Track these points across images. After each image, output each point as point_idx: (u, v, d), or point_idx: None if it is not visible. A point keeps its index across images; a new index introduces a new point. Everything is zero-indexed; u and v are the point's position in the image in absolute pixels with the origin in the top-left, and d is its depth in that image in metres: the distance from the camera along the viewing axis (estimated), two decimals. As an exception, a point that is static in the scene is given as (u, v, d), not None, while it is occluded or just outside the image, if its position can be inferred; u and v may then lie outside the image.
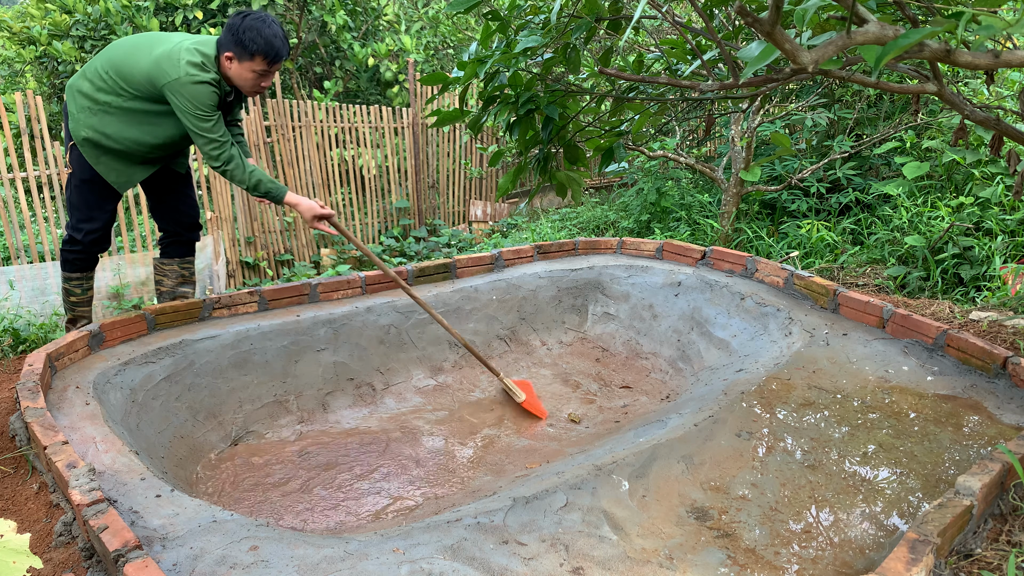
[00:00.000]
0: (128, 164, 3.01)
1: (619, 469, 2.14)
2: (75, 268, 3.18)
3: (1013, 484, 2.05)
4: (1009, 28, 1.35)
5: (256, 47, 2.78)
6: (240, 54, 2.80)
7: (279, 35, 2.83)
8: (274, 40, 2.80)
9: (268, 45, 2.78)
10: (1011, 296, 3.60)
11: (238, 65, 2.83)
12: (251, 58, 2.80)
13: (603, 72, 1.83)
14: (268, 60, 2.81)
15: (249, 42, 2.77)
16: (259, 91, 2.94)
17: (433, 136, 9.21)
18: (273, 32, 2.80)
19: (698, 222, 6.08)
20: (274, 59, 2.82)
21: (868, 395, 2.60)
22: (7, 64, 10.46)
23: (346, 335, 3.28)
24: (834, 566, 1.84)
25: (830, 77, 1.63)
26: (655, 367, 3.56)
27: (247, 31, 2.76)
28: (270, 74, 2.89)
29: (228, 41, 2.81)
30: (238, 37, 2.77)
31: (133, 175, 3.06)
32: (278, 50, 2.82)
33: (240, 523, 1.86)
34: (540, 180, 2.83)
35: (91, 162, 2.97)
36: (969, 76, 5.33)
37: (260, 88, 2.92)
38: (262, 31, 2.77)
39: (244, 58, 2.81)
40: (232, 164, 2.91)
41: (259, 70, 2.84)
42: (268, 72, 2.87)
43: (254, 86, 2.90)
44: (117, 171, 3.00)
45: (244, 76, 2.85)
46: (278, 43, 2.81)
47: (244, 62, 2.82)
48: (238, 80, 2.88)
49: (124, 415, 2.51)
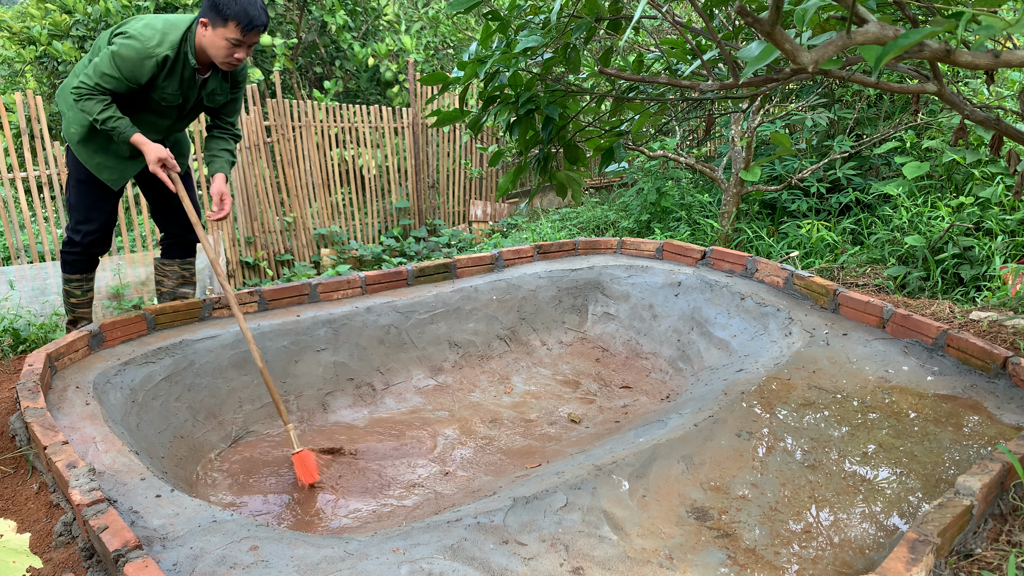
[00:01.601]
0: (118, 159, 2.99)
1: (619, 469, 2.14)
2: (75, 270, 3.18)
3: (1013, 484, 2.05)
4: (1009, 28, 1.35)
5: (230, 12, 2.68)
6: (214, 19, 2.72)
7: (256, 3, 2.73)
8: (250, 7, 2.70)
9: (242, 11, 2.68)
10: (1011, 296, 3.60)
11: (212, 32, 2.74)
12: (224, 23, 2.71)
13: (603, 72, 1.83)
14: (242, 27, 2.71)
15: (223, 7, 2.68)
16: (232, 63, 2.83)
17: (433, 136, 9.21)
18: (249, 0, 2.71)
19: (698, 222, 6.08)
20: (248, 26, 2.72)
21: (868, 395, 2.60)
22: (7, 64, 10.45)
23: (346, 335, 3.28)
24: (834, 566, 1.84)
25: (830, 77, 1.63)
26: (655, 367, 3.56)
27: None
28: (244, 45, 2.78)
29: (205, 7, 2.74)
30: (213, 1, 2.70)
31: (125, 171, 3.03)
32: (252, 18, 2.71)
33: (240, 523, 1.86)
34: (540, 180, 2.83)
35: (83, 161, 2.98)
36: (969, 76, 5.33)
37: (234, 60, 2.81)
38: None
39: (218, 23, 2.71)
40: (86, 102, 2.78)
41: (232, 38, 2.73)
42: (242, 42, 2.76)
43: (227, 56, 2.79)
44: (109, 168, 2.99)
45: (217, 44, 2.76)
46: (253, 11, 2.71)
47: (218, 28, 2.72)
48: (211, 49, 2.78)
49: (124, 415, 2.51)
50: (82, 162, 2.98)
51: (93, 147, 2.96)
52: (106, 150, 2.97)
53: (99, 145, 2.95)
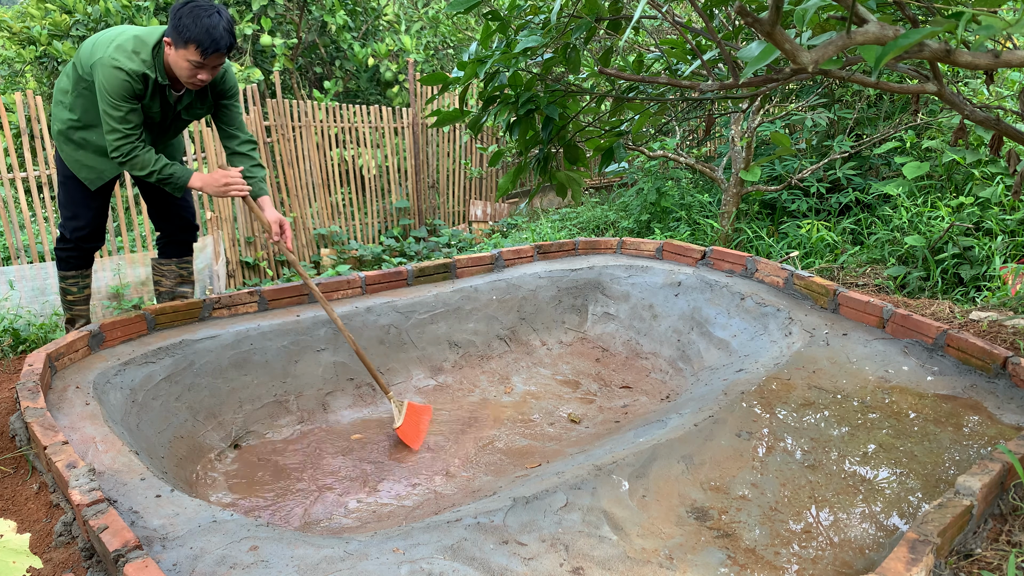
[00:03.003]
0: (96, 158, 2.98)
1: (619, 469, 2.14)
2: (69, 266, 3.18)
3: (1013, 484, 2.05)
4: (1009, 28, 1.35)
5: (189, 35, 2.60)
6: (176, 40, 2.65)
7: (219, 26, 2.63)
8: (212, 30, 2.61)
9: (204, 33, 2.60)
10: (1011, 296, 3.60)
11: (174, 52, 2.68)
12: (185, 45, 2.63)
13: (603, 72, 1.83)
14: (201, 50, 2.62)
15: (183, 29, 2.60)
16: (197, 84, 2.76)
17: (433, 136, 9.21)
18: (212, 22, 2.61)
19: (698, 222, 6.08)
20: (208, 50, 2.63)
21: (868, 395, 2.60)
22: (7, 64, 10.45)
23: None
24: (834, 566, 1.84)
25: (830, 77, 1.63)
26: (655, 367, 3.56)
27: (184, 17, 2.60)
28: (206, 67, 2.71)
29: (169, 26, 2.67)
30: (175, 22, 2.62)
31: (104, 171, 3.01)
32: (215, 40, 2.62)
33: (240, 523, 1.86)
34: (540, 180, 2.83)
35: (65, 159, 2.99)
36: (969, 76, 5.33)
37: (198, 81, 2.74)
38: (200, 18, 2.60)
39: (179, 45, 2.64)
40: (132, 160, 2.78)
41: (193, 60, 2.66)
42: (203, 64, 2.68)
43: (191, 76, 2.72)
44: (88, 167, 2.99)
45: (180, 65, 2.69)
46: (216, 33, 2.61)
47: (179, 49, 2.65)
48: (176, 69, 2.72)
49: (124, 415, 2.51)
50: (64, 159, 3.00)
51: (72, 145, 2.96)
52: (84, 148, 2.96)
53: (77, 144, 2.95)
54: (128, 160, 2.80)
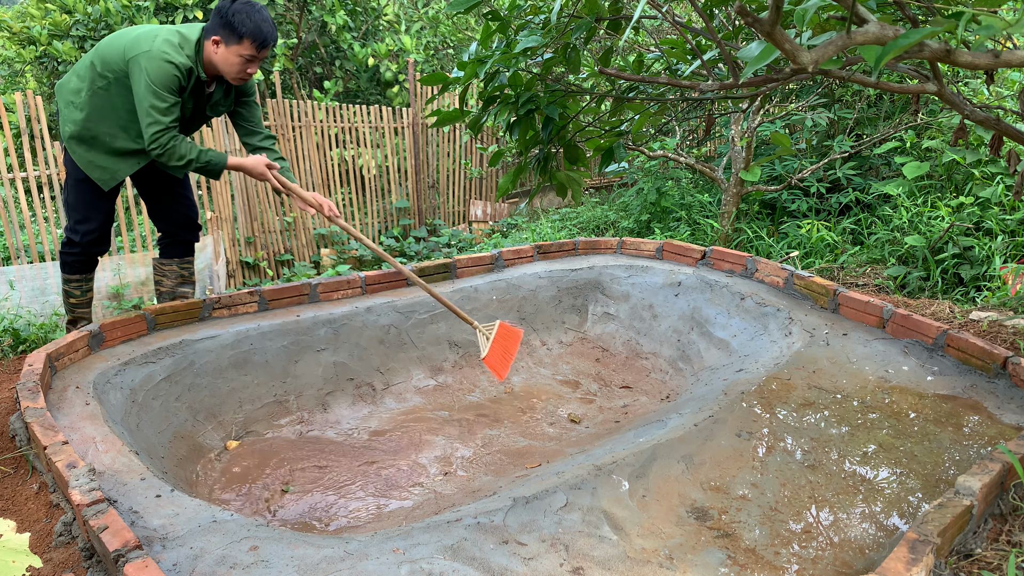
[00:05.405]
0: (109, 158, 2.98)
1: (619, 469, 2.14)
2: (74, 270, 3.18)
3: (1013, 484, 2.05)
4: (1009, 28, 1.35)
5: (245, 30, 2.77)
6: (228, 38, 2.81)
7: (268, 20, 2.84)
8: (263, 24, 2.81)
9: (257, 29, 2.79)
10: (1011, 296, 3.60)
11: (225, 49, 2.83)
12: (239, 41, 2.80)
13: (603, 72, 1.83)
14: (256, 44, 2.81)
15: (239, 25, 2.77)
16: (244, 78, 2.93)
17: (433, 136, 9.21)
18: (262, 17, 2.81)
19: (698, 222, 6.08)
20: (262, 43, 2.82)
21: (868, 395, 2.60)
22: (7, 64, 10.46)
23: (346, 335, 3.28)
24: (834, 566, 1.84)
25: (830, 77, 1.63)
26: (655, 367, 3.56)
27: (236, 14, 2.77)
28: (257, 60, 2.88)
29: (216, 25, 2.81)
30: (227, 20, 2.78)
31: (117, 171, 3.01)
32: (266, 35, 2.82)
33: (240, 523, 1.86)
34: (540, 180, 2.83)
35: (77, 161, 2.98)
36: (969, 76, 5.33)
37: (246, 75, 2.91)
38: (251, 15, 2.79)
39: (232, 42, 2.81)
40: (170, 151, 2.83)
41: (247, 55, 2.83)
42: (255, 58, 2.86)
43: (240, 72, 2.88)
44: (101, 168, 2.98)
45: (231, 61, 2.85)
46: (267, 28, 2.82)
47: (232, 46, 2.82)
48: (223, 66, 2.87)
49: (124, 415, 2.51)
50: (76, 161, 2.98)
51: (85, 146, 2.95)
52: (96, 148, 2.96)
53: (90, 144, 2.95)
54: (167, 151, 2.85)
